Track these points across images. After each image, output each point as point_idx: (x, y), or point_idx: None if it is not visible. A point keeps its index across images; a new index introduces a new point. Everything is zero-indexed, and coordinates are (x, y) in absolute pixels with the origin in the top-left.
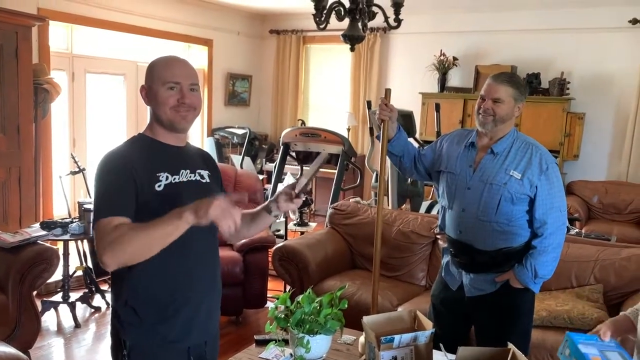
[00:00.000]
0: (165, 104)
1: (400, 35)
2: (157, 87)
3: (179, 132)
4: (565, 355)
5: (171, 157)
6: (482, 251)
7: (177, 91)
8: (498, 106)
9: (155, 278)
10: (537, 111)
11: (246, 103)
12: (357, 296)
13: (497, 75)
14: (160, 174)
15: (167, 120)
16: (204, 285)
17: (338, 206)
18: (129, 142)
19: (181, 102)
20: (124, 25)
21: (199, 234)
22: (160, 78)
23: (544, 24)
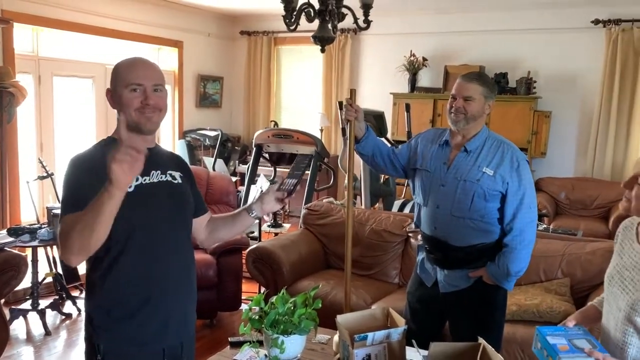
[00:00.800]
0: (129, 106)
1: (370, 36)
2: (120, 90)
3: (145, 134)
4: (537, 349)
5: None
6: (456, 247)
7: (141, 93)
8: (469, 104)
9: (128, 281)
10: (505, 110)
11: (218, 105)
12: (332, 296)
13: (466, 74)
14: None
15: (132, 122)
16: (179, 287)
17: (311, 207)
18: (98, 145)
19: (145, 103)
20: (92, 28)
21: (170, 235)
22: (124, 80)
23: (510, 24)
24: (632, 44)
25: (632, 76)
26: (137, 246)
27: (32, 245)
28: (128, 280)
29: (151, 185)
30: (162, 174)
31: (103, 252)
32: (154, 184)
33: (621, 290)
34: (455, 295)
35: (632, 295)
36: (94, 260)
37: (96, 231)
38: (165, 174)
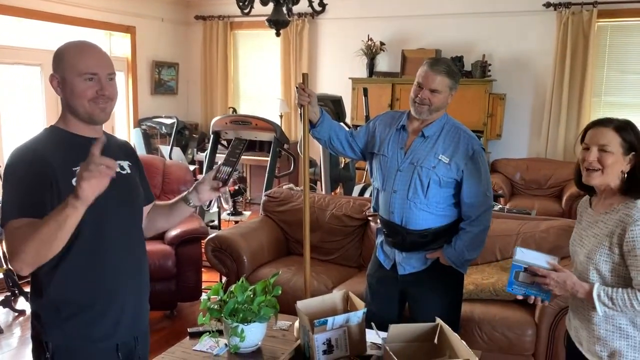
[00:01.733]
0: (82, 97)
1: (328, 20)
2: (72, 78)
3: (97, 125)
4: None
5: (88, 149)
6: (413, 231)
7: (96, 82)
8: (435, 96)
9: (76, 275)
10: (461, 93)
11: (174, 92)
12: (293, 282)
13: (434, 63)
14: (76, 168)
15: (84, 112)
16: (129, 280)
17: (271, 193)
18: (40, 136)
19: (100, 94)
20: (40, 13)
21: (120, 228)
22: (75, 68)
23: (465, 8)
24: (582, 26)
25: (582, 58)
26: (85, 241)
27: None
28: (77, 276)
29: None
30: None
31: None
32: None
33: (580, 246)
34: (414, 276)
35: (588, 247)
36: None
37: (55, 244)
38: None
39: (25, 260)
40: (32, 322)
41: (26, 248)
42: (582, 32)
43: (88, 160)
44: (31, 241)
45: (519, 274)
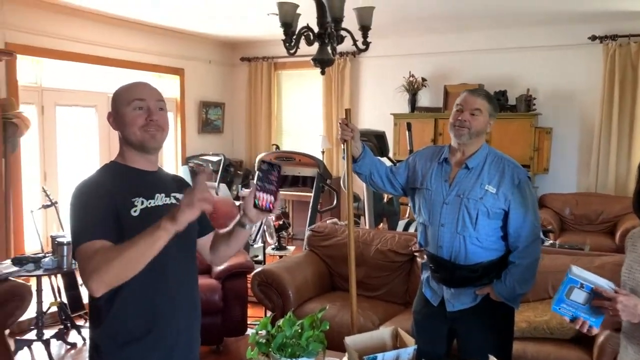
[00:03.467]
0: (133, 124)
1: (369, 58)
2: (123, 109)
3: (149, 153)
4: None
5: (145, 182)
6: (462, 266)
7: (145, 110)
8: (475, 118)
9: (134, 307)
10: (506, 127)
11: (220, 130)
12: (339, 318)
13: (473, 89)
14: (135, 199)
15: (136, 141)
16: (184, 313)
17: (315, 228)
18: (101, 170)
19: (149, 119)
20: (94, 57)
21: (176, 260)
22: (126, 99)
23: (507, 42)
24: (630, 58)
25: (631, 90)
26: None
27: (37, 274)
28: (134, 306)
29: (156, 208)
30: (166, 196)
31: None
32: (158, 207)
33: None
34: (463, 313)
35: None
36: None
37: (139, 265)
38: (170, 196)
39: (104, 280)
40: (90, 352)
41: (108, 268)
42: (631, 63)
43: (194, 188)
44: (115, 261)
45: (572, 290)
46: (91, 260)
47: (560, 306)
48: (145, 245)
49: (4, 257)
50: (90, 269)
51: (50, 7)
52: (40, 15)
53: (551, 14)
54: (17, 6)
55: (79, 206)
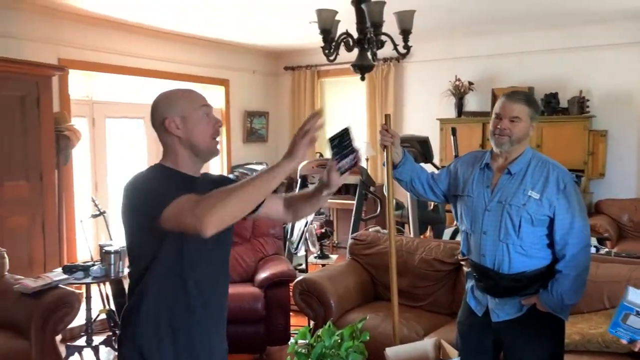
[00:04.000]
0: (205, 132)
1: (413, 63)
2: (192, 112)
3: (207, 161)
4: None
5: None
6: (506, 275)
7: (212, 117)
8: (515, 125)
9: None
10: (558, 131)
11: (264, 139)
12: (381, 328)
13: (511, 93)
14: None
15: (205, 148)
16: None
17: (358, 236)
18: (150, 170)
19: (217, 126)
20: (142, 70)
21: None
22: (194, 102)
23: (558, 43)
24: None
25: None
26: (175, 271)
27: (85, 282)
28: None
29: None
30: None
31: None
32: None
33: None
34: (509, 324)
35: None
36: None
37: (255, 201)
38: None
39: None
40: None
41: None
42: None
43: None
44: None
45: (628, 316)
46: (198, 204)
47: (617, 329)
48: (262, 181)
49: (56, 265)
50: (200, 210)
51: (99, 22)
52: (90, 31)
53: (604, 12)
54: (69, 23)
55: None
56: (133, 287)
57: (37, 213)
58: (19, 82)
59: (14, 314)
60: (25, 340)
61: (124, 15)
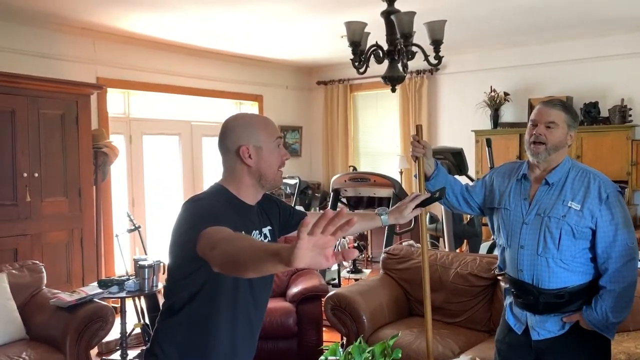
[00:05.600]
0: (277, 164)
1: (447, 75)
2: (268, 144)
3: (268, 191)
4: None
5: (247, 217)
6: (546, 290)
7: (281, 150)
8: (551, 132)
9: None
10: (600, 141)
11: (298, 153)
12: (416, 345)
13: (547, 100)
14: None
15: (272, 179)
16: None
17: (390, 250)
18: (214, 192)
19: (284, 159)
20: (177, 88)
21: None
22: (270, 135)
23: (596, 51)
24: None
25: None
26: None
27: (120, 296)
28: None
29: None
30: (259, 234)
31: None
32: None
33: None
34: (550, 342)
35: None
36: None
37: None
38: (261, 233)
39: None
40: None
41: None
42: None
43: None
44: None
45: None
46: (218, 234)
47: None
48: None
49: (94, 279)
50: (211, 244)
51: (136, 42)
52: (127, 50)
53: None
54: (107, 43)
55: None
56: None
57: (75, 228)
58: (59, 101)
59: (50, 328)
60: (61, 353)
61: (159, 34)
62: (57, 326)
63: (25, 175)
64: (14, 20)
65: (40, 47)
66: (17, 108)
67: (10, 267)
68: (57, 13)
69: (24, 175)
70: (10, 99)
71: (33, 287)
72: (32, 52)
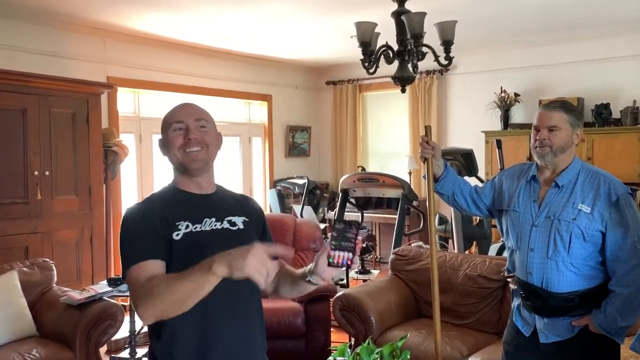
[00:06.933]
0: (173, 146)
1: (457, 75)
2: (165, 133)
3: (193, 175)
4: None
5: (194, 205)
6: (555, 294)
7: (183, 131)
8: (554, 135)
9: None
10: (611, 143)
11: (306, 153)
12: (424, 347)
13: (547, 103)
14: (179, 223)
15: (177, 163)
16: (240, 343)
17: (399, 252)
18: (155, 193)
19: (187, 139)
20: (186, 87)
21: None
22: (167, 122)
23: (608, 52)
24: None
25: None
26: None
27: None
28: (184, 340)
29: (202, 233)
30: (217, 221)
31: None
32: (205, 233)
33: None
34: (558, 346)
35: None
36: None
37: (189, 303)
38: (222, 220)
39: (151, 311)
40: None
41: (155, 302)
42: None
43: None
44: (164, 295)
45: None
46: (140, 288)
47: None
48: (194, 286)
49: (103, 277)
50: (138, 297)
51: (146, 41)
52: (137, 50)
53: None
54: (117, 42)
55: (124, 230)
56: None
57: (85, 226)
58: (70, 100)
59: (60, 325)
60: (71, 351)
61: (169, 34)
62: (67, 324)
63: (36, 174)
64: (26, 20)
65: (51, 46)
66: (28, 107)
67: (21, 265)
68: (69, 12)
69: (35, 174)
70: (22, 97)
71: (43, 284)
72: (43, 52)
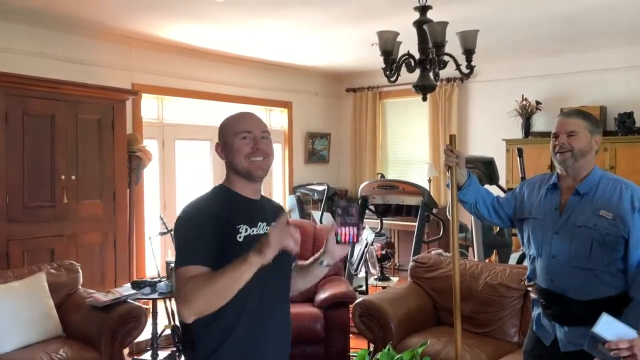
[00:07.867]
0: (240, 153)
1: (478, 83)
2: (231, 140)
3: (254, 181)
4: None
5: (249, 209)
6: (577, 301)
7: (250, 140)
8: (573, 139)
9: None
10: (635, 152)
11: (326, 160)
12: (444, 354)
13: (565, 112)
14: (239, 226)
15: (243, 169)
16: (276, 340)
17: (419, 259)
18: (209, 193)
19: (255, 148)
20: (209, 94)
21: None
22: (234, 130)
23: (629, 61)
24: None
25: None
26: (239, 300)
27: (152, 297)
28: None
29: (258, 236)
30: (267, 225)
31: None
32: (260, 236)
33: None
34: (579, 355)
35: None
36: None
37: (227, 295)
38: (270, 225)
39: (194, 309)
40: None
41: (199, 297)
42: None
43: (281, 227)
44: (205, 291)
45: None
46: (184, 287)
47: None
48: (233, 277)
49: (126, 280)
50: (182, 296)
51: (170, 49)
52: (161, 58)
53: None
54: (142, 50)
55: (181, 229)
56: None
57: (109, 230)
58: (96, 106)
59: (86, 326)
60: (96, 352)
61: (193, 42)
62: (93, 325)
63: (62, 178)
64: (56, 29)
65: (79, 54)
66: (56, 113)
67: (49, 267)
68: (97, 21)
69: (61, 178)
70: (51, 104)
71: (70, 286)
72: (72, 59)
